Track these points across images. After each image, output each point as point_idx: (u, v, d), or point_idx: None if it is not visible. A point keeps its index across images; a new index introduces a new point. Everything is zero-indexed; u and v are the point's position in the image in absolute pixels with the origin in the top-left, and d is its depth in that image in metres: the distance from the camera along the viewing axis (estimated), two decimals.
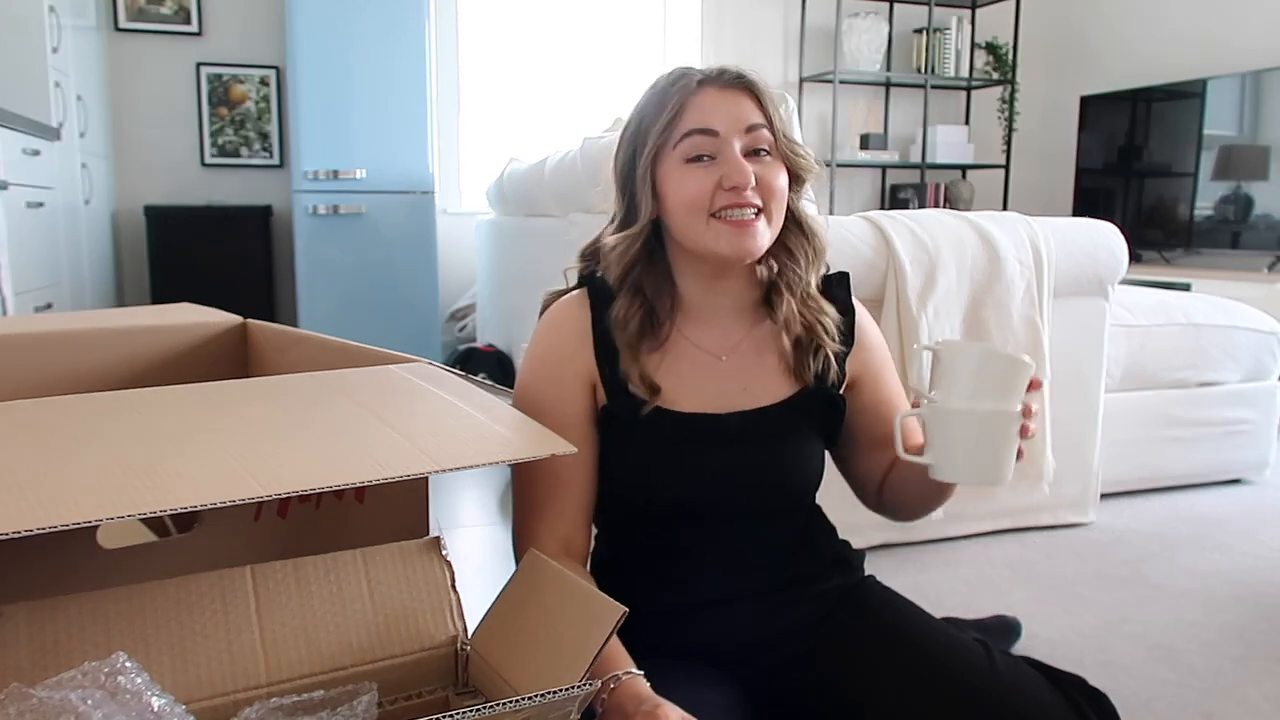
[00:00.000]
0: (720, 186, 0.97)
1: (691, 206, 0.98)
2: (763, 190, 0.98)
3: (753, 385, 1.04)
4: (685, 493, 1.02)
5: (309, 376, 0.96)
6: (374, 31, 3.82)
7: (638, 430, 1.01)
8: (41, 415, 0.81)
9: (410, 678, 0.82)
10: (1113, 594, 1.80)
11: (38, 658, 0.70)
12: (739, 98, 1.00)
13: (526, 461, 0.85)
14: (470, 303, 4.34)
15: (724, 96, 0.99)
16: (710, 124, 0.98)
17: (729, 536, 1.04)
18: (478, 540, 2.15)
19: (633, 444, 1.02)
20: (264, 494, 0.67)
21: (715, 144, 0.98)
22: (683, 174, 0.99)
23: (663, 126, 0.98)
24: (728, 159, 0.97)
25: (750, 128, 0.99)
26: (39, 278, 2.84)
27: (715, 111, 0.98)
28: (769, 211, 0.99)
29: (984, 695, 0.94)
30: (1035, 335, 1.98)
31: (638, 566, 1.05)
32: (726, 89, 1.00)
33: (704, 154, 0.98)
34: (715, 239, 0.99)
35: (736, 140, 0.98)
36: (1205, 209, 4.39)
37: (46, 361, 1.25)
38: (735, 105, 0.99)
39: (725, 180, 0.97)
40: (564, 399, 1.02)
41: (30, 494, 0.64)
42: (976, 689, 0.95)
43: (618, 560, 1.08)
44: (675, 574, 1.04)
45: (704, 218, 0.98)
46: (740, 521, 1.04)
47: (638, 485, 1.03)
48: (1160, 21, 4.78)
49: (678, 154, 0.98)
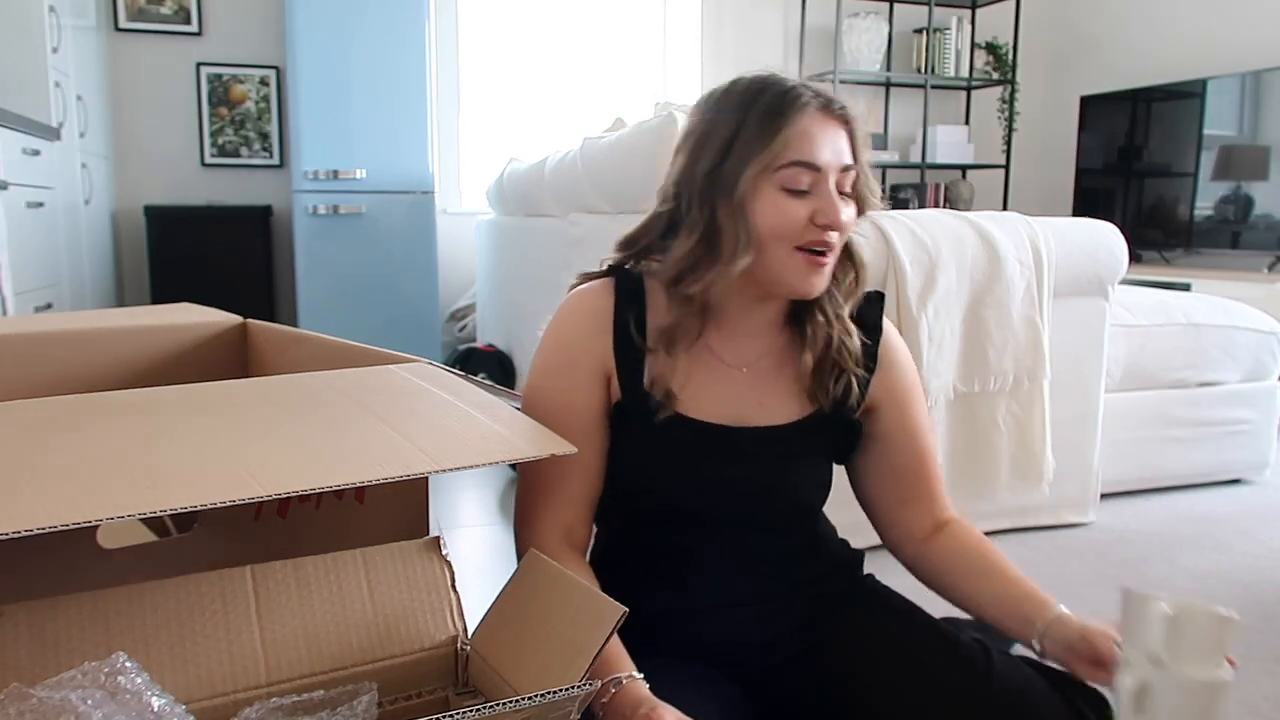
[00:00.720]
0: (812, 221, 0.95)
1: (780, 236, 0.95)
2: (841, 232, 0.97)
3: (768, 401, 1.03)
4: (690, 499, 1.02)
5: (309, 376, 0.96)
6: (374, 31, 3.82)
7: (648, 431, 1.01)
8: (41, 415, 0.81)
9: (410, 678, 0.82)
10: (1113, 594, 1.80)
11: (38, 657, 0.70)
12: (839, 132, 0.97)
13: (529, 460, 0.85)
14: (470, 303, 4.34)
15: (829, 127, 0.96)
16: (817, 159, 0.94)
17: (732, 543, 1.03)
18: (478, 540, 2.15)
19: (642, 444, 1.02)
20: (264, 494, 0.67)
21: (815, 178, 0.95)
22: (778, 201, 0.95)
23: (771, 153, 0.94)
24: (824, 195, 0.95)
25: (846, 168, 0.97)
26: (39, 278, 2.84)
27: (822, 145, 0.95)
28: (838, 251, 0.99)
29: (983, 695, 0.94)
30: (1035, 335, 1.98)
31: (638, 565, 1.05)
32: (831, 119, 0.96)
33: (803, 189, 0.95)
34: (792, 272, 0.97)
35: (834, 177, 0.95)
36: (1205, 209, 4.39)
37: (46, 361, 1.25)
38: (837, 140, 0.96)
39: (819, 217, 0.95)
40: (577, 386, 1.02)
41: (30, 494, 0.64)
42: (975, 689, 0.95)
43: (618, 557, 1.07)
44: (676, 576, 1.04)
45: (788, 248, 0.96)
46: (744, 530, 1.03)
47: (642, 485, 1.03)
48: (1160, 21, 4.78)
49: (776, 179, 0.94)
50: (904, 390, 1.09)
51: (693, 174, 0.98)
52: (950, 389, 1.94)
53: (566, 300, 1.07)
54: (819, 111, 0.96)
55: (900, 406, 1.08)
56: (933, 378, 1.89)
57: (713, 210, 0.96)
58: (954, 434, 1.98)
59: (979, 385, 1.96)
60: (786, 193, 0.95)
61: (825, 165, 0.95)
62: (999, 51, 5.16)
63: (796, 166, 0.94)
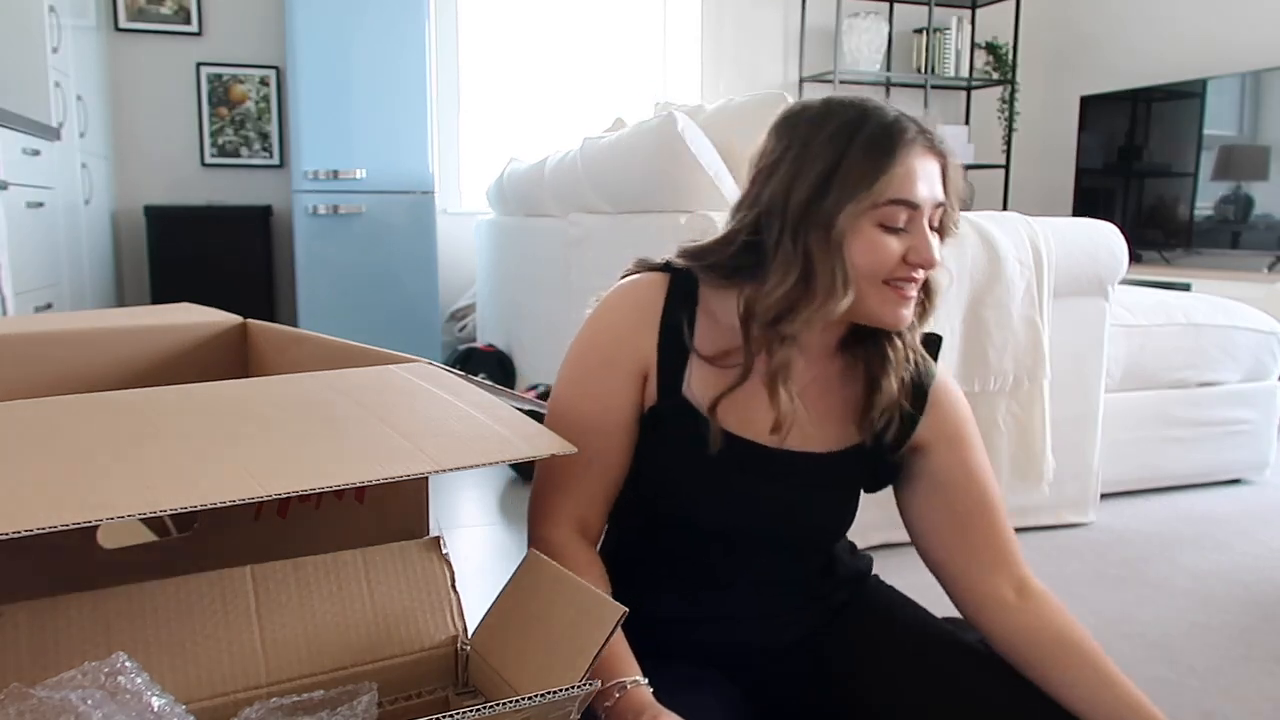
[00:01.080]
0: (906, 260, 0.93)
1: (876, 273, 0.93)
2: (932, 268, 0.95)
3: (808, 427, 1.00)
4: (714, 514, 0.99)
5: (309, 376, 0.96)
6: (374, 31, 3.82)
7: (681, 440, 0.98)
8: (41, 415, 0.81)
9: (410, 678, 0.82)
10: (1113, 594, 1.80)
11: (37, 657, 0.70)
12: (936, 166, 0.94)
13: (529, 461, 0.85)
14: (470, 303, 4.35)
15: (927, 163, 0.93)
16: (917, 197, 0.91)
17: (749, 560, 1.01)
18: (478, 540, 2.15)
19: (674, 452, 0.98)
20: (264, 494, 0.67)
21: (912, 215, 0.92)
22: (874, 237, 0.91)
23: (872, 185, 0.90)
24: (919, 234, 0.92)
25: (939, 204, 0.94)
26: (39, 278, 2.84)
27: (921, 182, 0.92)
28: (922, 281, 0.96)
29: (985, 695, 0.94)
30: (1035, 335, 1.98)
31: (650, 568, 1.04)
32: (929, 154, 0.93)
33: (900, 226, 0.92)
34: (880, 305, 0.94)
35: (928, 213, 0.93)
36: (1205, 209, 4.39)
37: (46, 361, 1.25)
38: (934, 176, 0.93)
39: (913, 255, 0.92)
40: (613, 380, 0.99)
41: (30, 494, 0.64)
42: (977, 689, 0.95)
43: (631, 555, 1.05)
44: (688, 586, 1.02)
45: (878, 282, 0.93)
46: (763, 549, 1.02)
47: (667, 492, 1.00)
48: (1160, 21, 4.78)
49: (874, 216, 0.91)
50: (956, 429, 1.04)
51: (785, 204, 0.93)
52: None
53: (618, 286, 1.03)
54: (922, 147, 0.92)
55: (954, 447, 1.03)
56: None
57: (807, 246, 0.92)
58: None
59: (979, 385, 1.96)
60: (883, 229, 0.92)
61: (923, 202, 0.92)
62: (999, 51, 5.16)
63: (897, 205, 0.91)
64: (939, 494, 1.03)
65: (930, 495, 1.03)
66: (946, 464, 1.02)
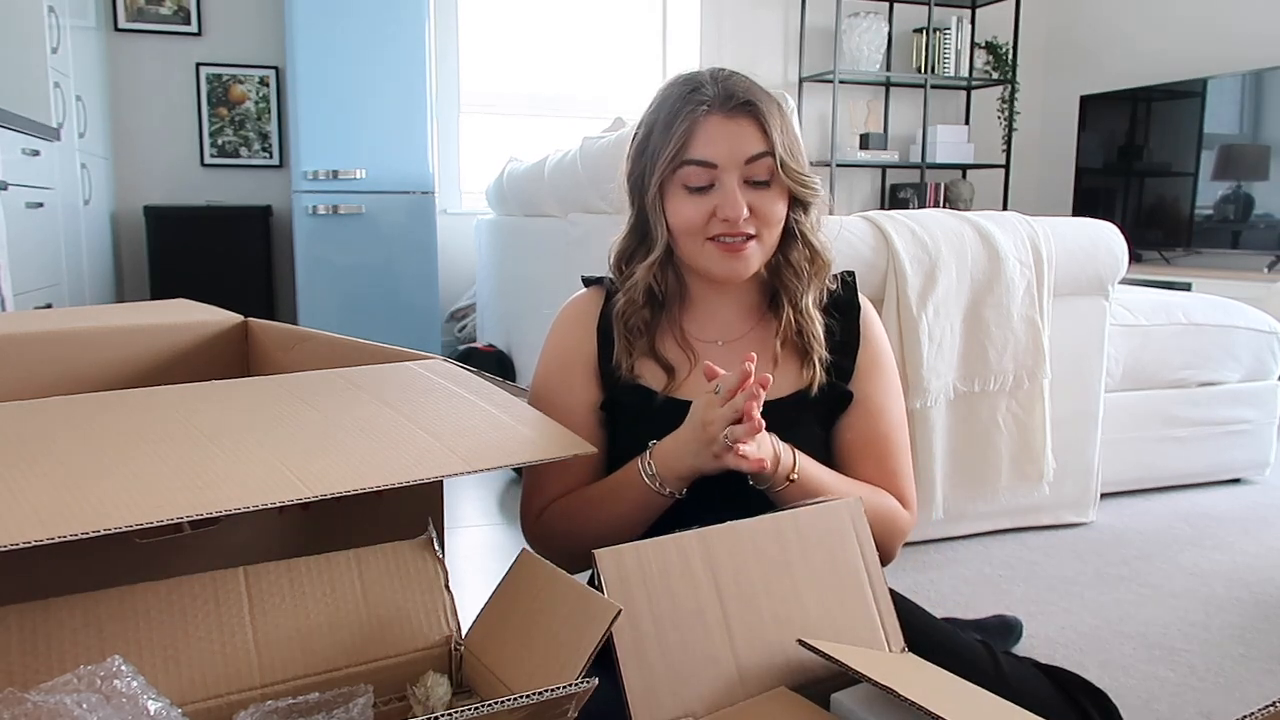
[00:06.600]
0: (715, 215, 1.01)
1: (688, 231, 1.03)
2: (757, 220, 1.02)
3: None
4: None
5: (334, 373, 0.97)
6: (374, 31, 3.81)
7: (637, 419, 1.06)
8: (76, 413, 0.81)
9: (405, 678, 0.82)
10: (1113, 594, 1.80)
11: (30, 661, 0.69)
12: (743, 125, 1.01)
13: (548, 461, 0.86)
14: (470, 303, 4.34)
15: (728, 125, 1.01)
16: (710, 156, 1.00)
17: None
18: (478, 540, 2.15)
19: (634, 432, 1.05)
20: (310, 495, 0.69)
21: (714, 175, 1.01)
22: (682, 200, 1.02)
23: (669, 154, 1.01)
24: (725, 191, 1.00)
25: (751, 159, 1.01)
26: (39, 278, 2.83)
27: (717, 143, 1.00)
28: (761, 237, 1.03)
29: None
30: (1035, 335, 1.98)
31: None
32: (732, 116, 1.01)
33: (703, 185, 1.01)
34: (708, 260, 1.04)
35: (736, 171, 1.01)
36: (1205, 209, 4.38)
37: (46, 361, 1.25)
38: (738, 136, 1.01)
39: (719, 211, 1.01)
40: (572, 387, 1.09)
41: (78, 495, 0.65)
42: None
43: None
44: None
45: (700, 240, 1.03)
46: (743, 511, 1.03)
47: None
48: (1160, 21, 4.78)
49: (679, 179, 1.02)
50: (870, 361, 1.13)
51: (630, 179, 1.09)
52: (950, 388, 1.94)
53: (561, 307, 1.17)
54: (717, 113, 1.01)
55: (866, 377, 1.12)
56: (933, 377, 1.89)
57: (640, 206, 1.07)
58: (954, 434, 1.97)
59: (979, 385, 1.96)
60: (688, 190, 1.02)
61: (722, 161, 1.00)
62: (999, 51, 5.15)
63: (692, 165, 1.01)
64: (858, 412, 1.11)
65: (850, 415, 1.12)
66: (871, 390, 1.12)
